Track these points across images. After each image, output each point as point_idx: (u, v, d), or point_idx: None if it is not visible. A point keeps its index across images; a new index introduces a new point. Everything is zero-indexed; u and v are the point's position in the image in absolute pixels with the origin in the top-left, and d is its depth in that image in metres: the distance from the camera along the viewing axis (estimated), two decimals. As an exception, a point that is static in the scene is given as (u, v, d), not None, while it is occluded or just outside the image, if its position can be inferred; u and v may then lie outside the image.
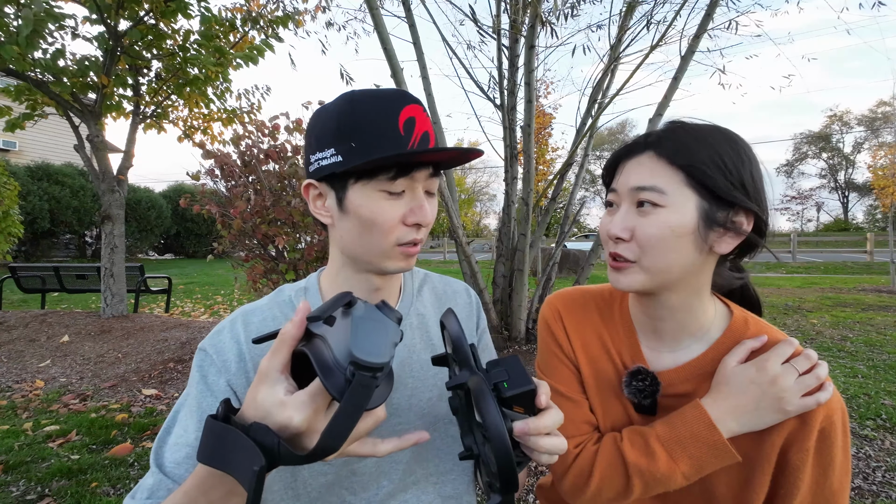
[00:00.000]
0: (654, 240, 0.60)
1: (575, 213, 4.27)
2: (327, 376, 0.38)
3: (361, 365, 0.38)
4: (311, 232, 3.28)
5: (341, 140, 0.57)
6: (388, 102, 0.58)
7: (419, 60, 3.73)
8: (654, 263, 0.61)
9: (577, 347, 0.75)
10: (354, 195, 0.59)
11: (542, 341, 0.80)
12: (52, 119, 5.43)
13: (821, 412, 0.58)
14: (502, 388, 0.47)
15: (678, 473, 0.62)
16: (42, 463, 2.34)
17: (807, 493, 0.59)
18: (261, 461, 0.38)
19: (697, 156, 0.60)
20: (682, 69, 3.52)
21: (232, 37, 5.26)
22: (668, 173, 0.60)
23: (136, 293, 5.99)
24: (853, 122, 36.06)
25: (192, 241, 17.62)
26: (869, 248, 15.33)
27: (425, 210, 0.60)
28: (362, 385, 0.38)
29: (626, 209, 0.63)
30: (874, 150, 17.27)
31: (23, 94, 4.87)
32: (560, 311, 0.78)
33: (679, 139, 0.61)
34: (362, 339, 0.40)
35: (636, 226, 0.61)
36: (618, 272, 0.64)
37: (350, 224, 0.61)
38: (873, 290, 8.06)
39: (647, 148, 0.63)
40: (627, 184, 0.63)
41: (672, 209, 0.60)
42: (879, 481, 2.15)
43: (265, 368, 0.44)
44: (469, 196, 37.33)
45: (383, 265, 0.63)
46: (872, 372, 3.59)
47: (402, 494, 0.67)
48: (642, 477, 0.63)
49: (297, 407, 0.41)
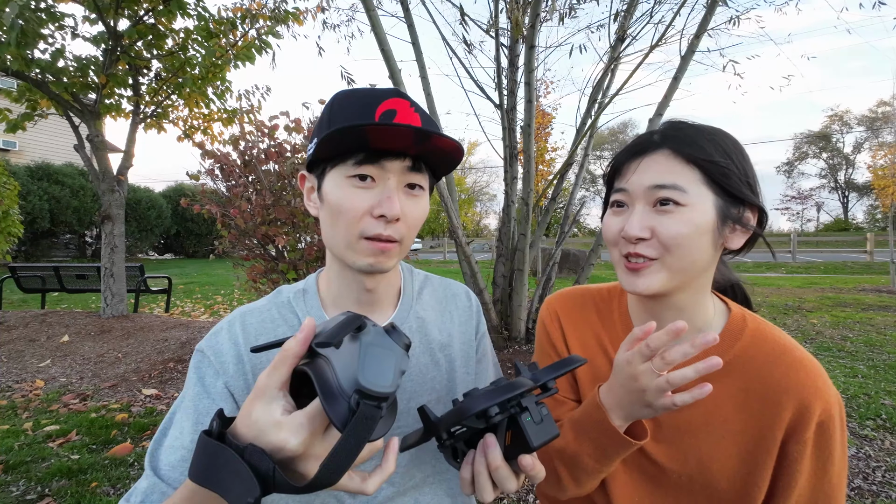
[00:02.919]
0: (680, 238, 0.59)
1: (575, 213, 4.26)
2: (330, 402, 0.37)
3: (367, 394, 0.36)
4: (311, 232, 3.28)
5: (322, 130, 0.59)
6: (370, 96, 0.58)
7: (418, 60, 3.72)
8: (677, 262, 0.60)
9: (574, 348, 0.75)
10: (328, 182, 0.60)
11: (538, 341, 0.82)
12: (52, 119, 5.43)
13: (818, 405, 0.58)
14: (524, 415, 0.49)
15: (584, 455, 0.63)
16: (42, 463, 2.34)
17: (805, 486, 0.59)
18: (256, 492, 0.36)
19: (711, 155, 0.60)
20: (683, 69, 3.52)
21: (232, 36, 5.26)
22: (686, 171, 0.60)
23: (136, 293, 5.99)
24: (853, 122, 36.08)
25: (192, 241, 17.63)
26: (869, 248, 15.33)
27: (393, 202, 0.57)
28: (367, 416, 0.36)
29: (642, 209, 0.62)
30: (874, 150, 17.26)
31: (23, 94, 4.88)
32: (558, 312, 0.79)
33: (691, 137, 0.62)
34: (370, 367, 0.38)
35: (656, 225, 0.60)
36: (635, 274, 0.62)
37: (325, 214, 0.61)
38: (873, 290, 8.06)
39: (663, 146, 0.62)
40: (642, 183, 0.61)
41: (693, 207, 0.59)
42: (879, 481, 2.15)
43: (263, 384, 0.42)
44: (469, 196, 37.33)
45: (350, 259, 0.60)
46: (872, 372, 3.59)
47: (401, 498, 0.66)
48: (560, 458, 0.66)
49: (293, 429, 0.39)
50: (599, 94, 4.01)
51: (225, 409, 0.58)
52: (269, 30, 5.24)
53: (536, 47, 3.63)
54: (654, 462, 0.67)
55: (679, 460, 0.65)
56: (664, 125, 0.66)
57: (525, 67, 3.70)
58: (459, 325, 0.76)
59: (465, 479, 0.53)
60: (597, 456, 0.62)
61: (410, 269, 0.77)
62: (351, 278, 0.65)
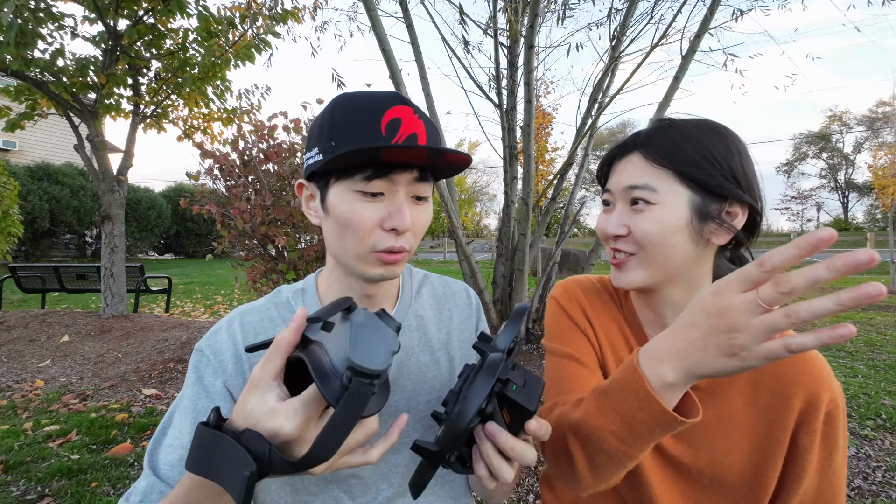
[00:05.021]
0: (650, 235, 0.62)
1: (575, 213, 4.26)
2: (324, 382, 0.38)
3: (359, 371, 0.37)
4: (311, 232, 3.28)
5: (323, 139, 0.58)
6: (374, 102, 0.57)
7: (417, 61, 3.72)
8: (652, 258, 0.63)
9: (597, 327, 0.73)
10: (333, 195, 0.59)
11: (552, 318, 0.75)
12: (52, 119, 5.43)
13: (826, 395, 0.60)
14: (509, 386, 0.47)
15: (608, 433, 0.51)
16: (42, 463, 2.34)
17: (813, 476, 0.60)
18: (251, 466, 0.37)
19: (684, 153, 0.61)
20: (683, 68, 3.52)
21: (231, 35, 5.26)
22: (657, 171, 0.62)
23: (136, 293, 5.99)
24: (853, 122, 36.06)
25: (192, 241, 17.62)
26: (869, 248, 15.31)
27: (403, 215, 0.56)
28: (359, 392, 0.37)
29: (620, 208, 0.66)
30: (874, 150, 17.25)
31: (23, 94, 4.87)
32: (577, 293, 0.76)
33: (667, 137, 0.63)
34: (361, 346, 0.39)
35: (631, 223, 0.64)
36: (619, 270, 0.66)
37: (330, 225, 0.60)
38: (873, 289, 8.05)
39: (636, 148, 0.65)
40: (620, 183, 0.65)
41: (664, 206, 0.61)
42: (879, 481, 2.15)
43: (257, 376, 0.43)
44: (469, 196, 37.32)
45: (360, 271, 0.60)
46: (872, 372, 3.59)
47: (400, 499, 0.66)
48: (576, 434, 0.55)
49: (288, 415, 0.40)
50: (599, 94, 4.01)
51: (224, 408, 0.58)
52: (269, 29, 5.24)
53: (536, 47, 3.63)
54: (669, 458, 0.66)
55: (690, 455, 0.65)
56: (648, 126, 0.68)
57: (524, 67, 3.71)
58: (459, 324, 0.76)
59: (484, 474, 0.49)
60: (623, 434, 0.50)
61: (409, 268, 0.77)
62: (353, 281, 0.65)
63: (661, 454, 0.67)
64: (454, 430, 0.44)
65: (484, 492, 0.68)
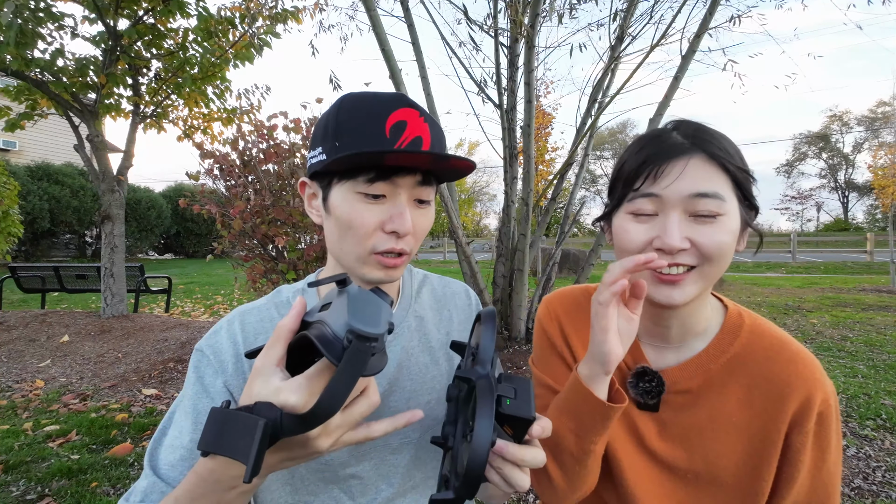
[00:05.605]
0: (724, 247, 0.58)
1: (575, 213, 4.27)
2: (328, 348, 0.40)
3: (358, 333, 0.39)
4: (311, 232, 3.28)
5: (328, 139, 0.58)
6: (379, 104, 0.57)
7: (418, 60, 3.72)
8: (715, 270, 0.59)
9: (576, 346, 0.74)
10: (335, 195, 0.59)
11: (537, 339, 0.79)
12: (52, 119, 5.43)
13: (819, 395, 0.60)
14: (503, 403, 0.47)
15: (566, 431, 0.60)
16: (42, 463, 2.34)
17: (806, 476, 0.60)
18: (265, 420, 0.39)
19: (733, 159, 0.60)
20: (683, 68, 3.52)
21: (231, 35, 5.26)
22: (722, 179, 0.59)
23: (136, 293, 5.99)
24: (853, 122, 36.06)
25: (192, 241, 17.62)
26: (869, 248, 15.31)
27: (405, 218, 0.57)
28: (359, 350, 0.39)
29: (678, 217, 0.58)
30: (874, 150, 17.25)
31: (22, 94, 4.87)
32: (557, 312, 0.77)
33: (714, 139, 0.60)
34: (358, 313, 0.41)
35: (694, 234, 0.58)
36: (672, 286, 0.59)
37: (331, 225, 0.61)
38: (873, 290, 8.05)
39: (696, 150, 0.59)
40: (681, 190, 0.58)
41: (729, 216, 0.59)
42: (879, 481, 2.15)
43: (260, 364, 0.43)
44: (469, 196, 37.31)
45: (360, 272, 0.60)
46: (872, 372, 3.59)
47: (400, 500, 0.66)
48: (546, 445, 0.58)
49: (293, 389, 0.41)
50: (599, 94, 4.01)
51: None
52: (268, 29, 5.24)
53: (536, 47, 3.63)
54: (661, 461, 0.66)
55: (685, 458, 0.65)
56: (682, 127, 0.63)
57: (525, 67, 3.71)
58: (459, 324, 0.76)
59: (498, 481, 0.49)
60: (577, 429, 0.60)
61: (409, 269, 0.77)
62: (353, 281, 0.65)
63: (653, 458, 0.67)
64: (471, 483, 0.44)
65: (485, 492, 0.68)
